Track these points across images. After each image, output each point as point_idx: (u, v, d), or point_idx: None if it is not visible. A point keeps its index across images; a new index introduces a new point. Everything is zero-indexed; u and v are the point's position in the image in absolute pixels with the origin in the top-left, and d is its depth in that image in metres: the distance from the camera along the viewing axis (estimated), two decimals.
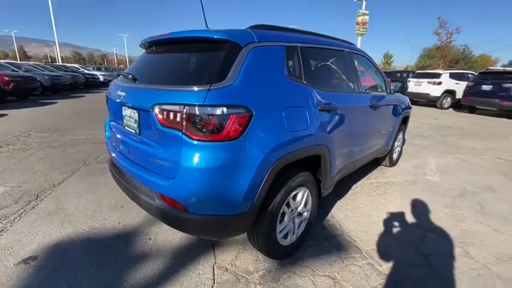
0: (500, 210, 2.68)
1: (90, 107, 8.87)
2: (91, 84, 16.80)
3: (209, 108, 1.28)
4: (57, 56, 39.76)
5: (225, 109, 1.29)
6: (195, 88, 1.32)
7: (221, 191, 1.34)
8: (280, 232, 1.74)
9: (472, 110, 9.97)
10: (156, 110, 1.41)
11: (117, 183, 1.92)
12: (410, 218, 2.49)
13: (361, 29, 22.07)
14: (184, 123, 1.31)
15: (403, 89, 3.30)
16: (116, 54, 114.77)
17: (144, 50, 2.07)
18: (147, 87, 1.61)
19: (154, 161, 1.49)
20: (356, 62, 2.66)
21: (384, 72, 4.17)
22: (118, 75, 2.26)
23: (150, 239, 2.05)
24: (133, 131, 1.69)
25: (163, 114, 1.38)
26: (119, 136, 1.90)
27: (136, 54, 2.63)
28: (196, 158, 1.30)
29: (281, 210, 1.67)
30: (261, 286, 1.63)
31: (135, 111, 1.62)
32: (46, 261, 1.76)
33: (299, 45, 1.85)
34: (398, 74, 15.26)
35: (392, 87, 3.25)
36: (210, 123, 1.29)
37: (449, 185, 3.30)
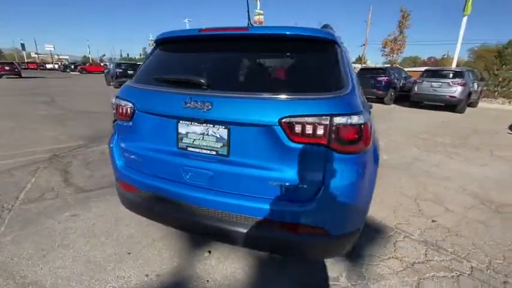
0: None
1: None
2: None
3: (352, 117, 1.18)
4: None
5: (362, 117, 1.21)
6: (330, 96, 1.18)
7: (360, 205, 1.27)
8: None
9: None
10: (287, 123, 1.17)
11: (171, 222, 1.48)
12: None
13: None
14: (329, 136, 1.15)
15: None
16: None
17: (176, 46, 1.61)
18: (254, 96, 1.25)
19: (272, 185, 1.23)
20: None
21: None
22: (131, 78, 1.66)
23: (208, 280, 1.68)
24: (214, 153, 1.32)
25: (298, 128, 1.16)
26: (171, 162, 1.43)
27: None
28: (350, 175, 1.18)
29: None
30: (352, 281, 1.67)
31: (221, 126, 1.28)
32: None
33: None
34: None
35: None
36: (354, 134, 1.19)
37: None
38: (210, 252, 1.93)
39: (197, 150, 1.37)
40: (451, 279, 1.77)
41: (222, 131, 1.30)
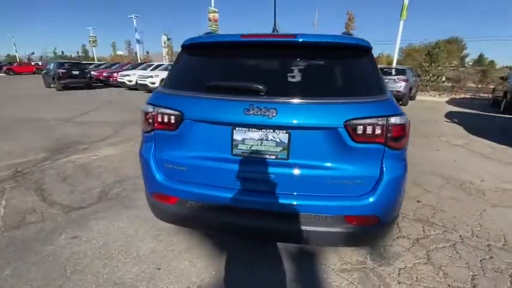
0: None
1: None
2: None
3: (401, 117, 1.34)
4: None
5: (405, 117, 1.38)
6: (382, 98, 1.33)
7: (403, 194, 1.45)
8: None
9: None
10: (351, 125, 1.27)
11: (223, 228, 1.50)
12: None
13: (213, 26, 23.46)
14: (386, 134, 1.29)
15: None
16: None
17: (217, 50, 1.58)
18: (317, 101, 1.32)
19: (335, 183, 1.32)
20: None
21: None
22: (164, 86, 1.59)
23: None
24: (273, 157, 1.35)
25: (359, 129, 1.27)
26: (225, 169, 1.42)
27: None
28: (399, 167, 1.34)
29: None
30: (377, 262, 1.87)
31: (282, 131, 1.32)
32: None
33: None
34: None
35: None
36: (402, 131, 1.35)
37: None
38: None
39: (254, 155, 1.39)
40: (450, 248, 2.10)
41: (283, 136, 1.34)
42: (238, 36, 1.45)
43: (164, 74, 13.20)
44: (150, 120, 1.51)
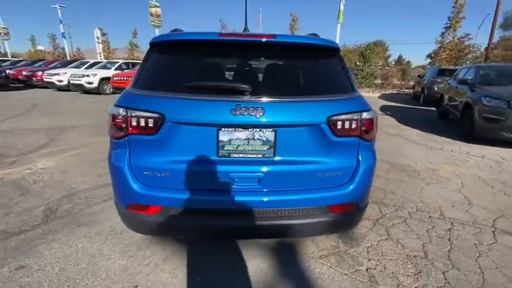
0: None
1: None
2: None
3: (371, 112, 1.49)
4: None
5: (373, 112, 1.53)
6: (355, 95, 1.47)
7: (372, 181, 1.61)
8: None
9: None
10: (332, 121, 1.36)
11: (212, 232, 1.46)
12: None
13: (156, 21, 22.10)
14: (360, 128, 1.42)
15: None
16: None
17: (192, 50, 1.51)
18: (301, 99, 1.38)
19: (319, 176, 1.40)
20: None
21: None
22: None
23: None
24: (260, 156, 1.36)
25: (339, 125, 1.37)
26: (211, 171, 1.37)
27: None
28: (370, 157, 1.50)
29: None
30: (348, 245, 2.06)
31: (268, 130, 1.34)
32: None
33: None
34: None
35: None
36: (372, 125, 1.50)
37: None
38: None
39: (241, 155, 1.38)
40: (402, 223, 2.43)
41: (269, 134, 1.36)
42: (216, 34, 1.42)
43: (104, 73, 11.92)
44: (123, 125, 1.36)
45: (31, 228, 2.24)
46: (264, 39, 1.43)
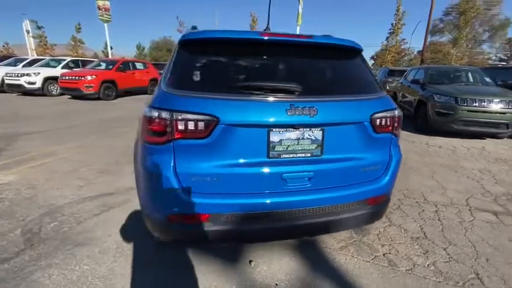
0: None
1: None
2: None
3: (399, 110, 1.62)
4: None
5: (399, 110, 1.67)
6: (384, 94, 1.58)
7: None
8: None
9: None
10: (374, 119, 1.45)
11: (264, 235, 1.46)
12: None
13: (105, 15, 20.30)
14: (393, 125, 1.54)
15: None
16: None
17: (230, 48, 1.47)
18: (348, 98, 1.44)
19: (360, 171, 1.47)
20: None
21: None
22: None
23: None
24: (309, 155, 1.38)
25: (379, 122, 1.46)
26: (262, 173, 1.36)
27: None
28: (399, 151, 1.63)
29: None
30: (360, 235, 2.22)
31: (317, 129, 1.37)
32: None
33: None
34: None
35: None
36: (400, 122, 1.63)
37: None
38: (251, 261, 1.88)
39: (291, 156, 1.37)
40: (398, 210, 2.69)
41: (317, 133, 1.38)
42: (257, 33, 1.39)
43: (49, 72, 10.53)
44: (168, 129, 1.24)
45: (15, 255, 1.90)
46: (304, 40, 1.46)
